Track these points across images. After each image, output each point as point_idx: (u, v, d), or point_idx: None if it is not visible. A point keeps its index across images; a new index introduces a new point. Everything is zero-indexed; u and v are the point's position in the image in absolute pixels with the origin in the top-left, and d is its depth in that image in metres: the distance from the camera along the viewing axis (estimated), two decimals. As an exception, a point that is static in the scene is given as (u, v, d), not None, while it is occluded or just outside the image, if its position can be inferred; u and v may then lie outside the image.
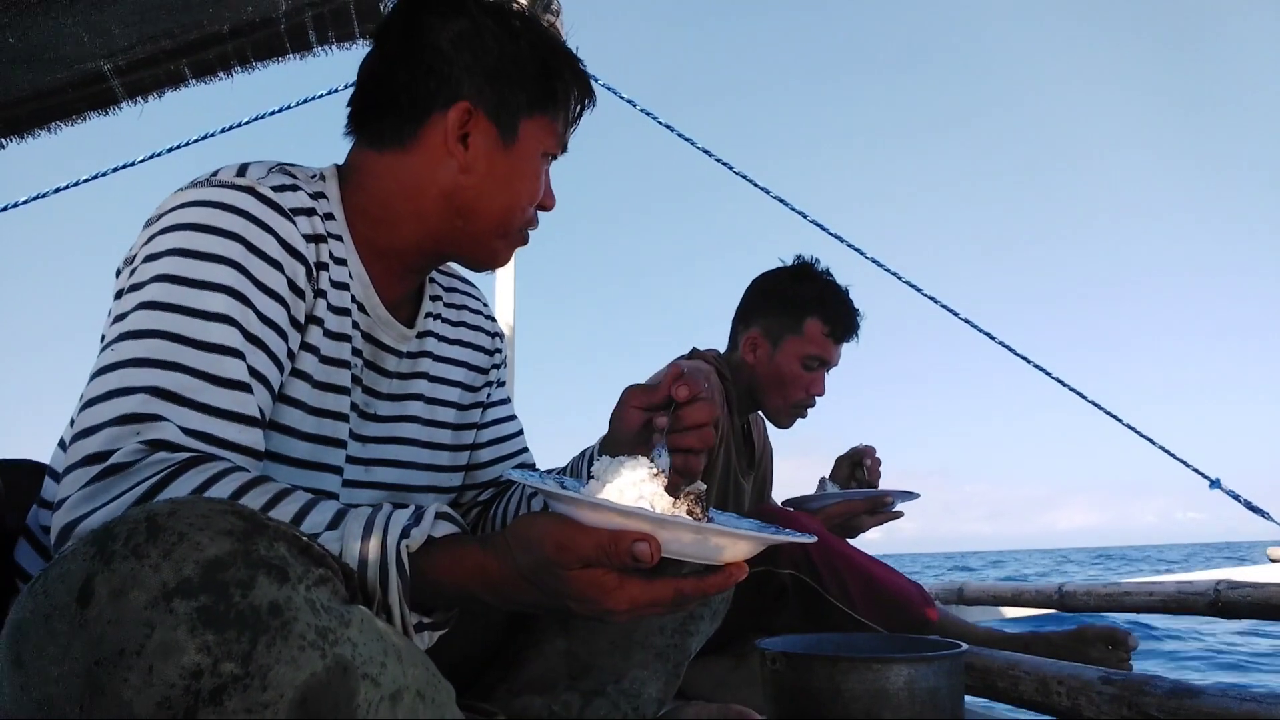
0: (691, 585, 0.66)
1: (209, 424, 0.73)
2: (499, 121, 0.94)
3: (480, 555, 0.67)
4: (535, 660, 1.04)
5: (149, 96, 2.30)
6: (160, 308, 0.75)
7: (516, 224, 0.98)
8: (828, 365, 1.91)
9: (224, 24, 2.13)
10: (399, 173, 0.94)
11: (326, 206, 0.91)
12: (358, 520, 0.67)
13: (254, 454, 0.76)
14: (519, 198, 0.96)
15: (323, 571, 0.56)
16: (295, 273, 0.84)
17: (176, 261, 0.77)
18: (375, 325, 0.96)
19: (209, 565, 0.51)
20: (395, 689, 0.56)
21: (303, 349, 0.86)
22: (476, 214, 0.95)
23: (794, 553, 1.61)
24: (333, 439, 0.90)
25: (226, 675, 0.48)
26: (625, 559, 0.61)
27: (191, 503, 0.54)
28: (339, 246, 0.91)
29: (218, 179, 0.83)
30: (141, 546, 0.51)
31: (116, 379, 0.72)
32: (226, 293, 0.77)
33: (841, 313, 1.89)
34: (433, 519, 0.69)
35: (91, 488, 0.66)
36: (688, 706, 1.25)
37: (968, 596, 2.67)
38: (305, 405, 0.87)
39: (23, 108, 2.22)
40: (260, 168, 0.87)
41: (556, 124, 0.98)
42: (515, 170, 0.95)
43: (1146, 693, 1.21)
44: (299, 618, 0.51)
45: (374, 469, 0.97)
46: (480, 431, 1.13)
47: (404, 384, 1.01)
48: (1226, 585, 1.91)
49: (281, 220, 0.83)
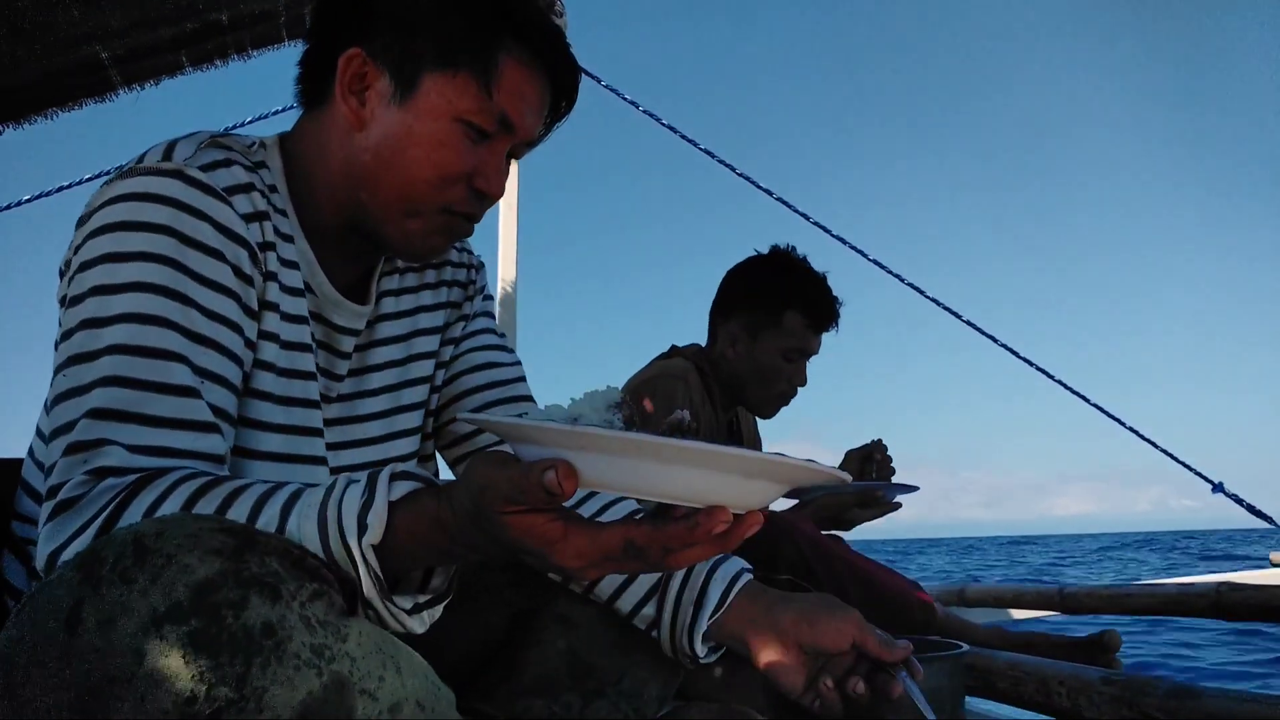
0: (643, 533, 0.55)
1: (157, 436, 0.68)
2: (395, 73, 0.82)
3: (435, 506, 0.61)
4: (535, 661, 1.03)
5: (146, 85, 2.28)
6: (100, 324, 0.70)
7: (425, 200, 0.84)
8: (808, 355, 1.89)
9: (223, 13, 2.11)
10: (314, 134, 0.87)
11: (269, 178, 0.84)
12: (309, 518, 0.62)
13: (212, 459, 0.72)
14: (420, 166, 0.82)
15: (317, 585, 0.55)
16: (239, 259, 0.77)
17: (108, 269, 0.72)
18: (325, 305, 0.89)
19: (199, 587, 0.50)
20: (394, 701, 0.55)
21: (261, 338, 0.80)
22: (374, 184, 0.84)
23: (790, 556, 1.60)
24: (306, 428, 0.84)
25: (221, 700, 0.47)
26: (538, 491, 0.52)
27: (179, 521, 0.53)
28: (284, 222, 0.84)
29: (142, 166, 0.76)
30: (129, 570, 0.50)
31: (72, 408, 0.69)
32: (160, 293, 0.71)
33: (820, 303, 1.86)
34: (388, 484, 0.63)
35: (49, 526, 0.64)
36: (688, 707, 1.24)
37: (969, 598, 2.67)
38: (273, 396, 0.81)
39: (21, 95, 2.20)
40: (189, 144, 0.79)
41: (477, 85, 0.82)
42: (413, 130, 0.82)
43: (1147, 693, 1.21)
44: (293, 636, 0.51)
45: (343, 452, 0.92)
46: (454, 363, 1.04)
47: (363, 356, 0.94)
48: (1228, 587, 1.90)
49: (215, 203, 0.75)
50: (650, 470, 0.53)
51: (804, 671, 0.82)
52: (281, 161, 0.87)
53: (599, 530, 0.56)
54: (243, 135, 0.86)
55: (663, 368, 1.84)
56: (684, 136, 2.48)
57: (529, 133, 0.88)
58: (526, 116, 0.86)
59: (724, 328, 1.91)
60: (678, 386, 1.76)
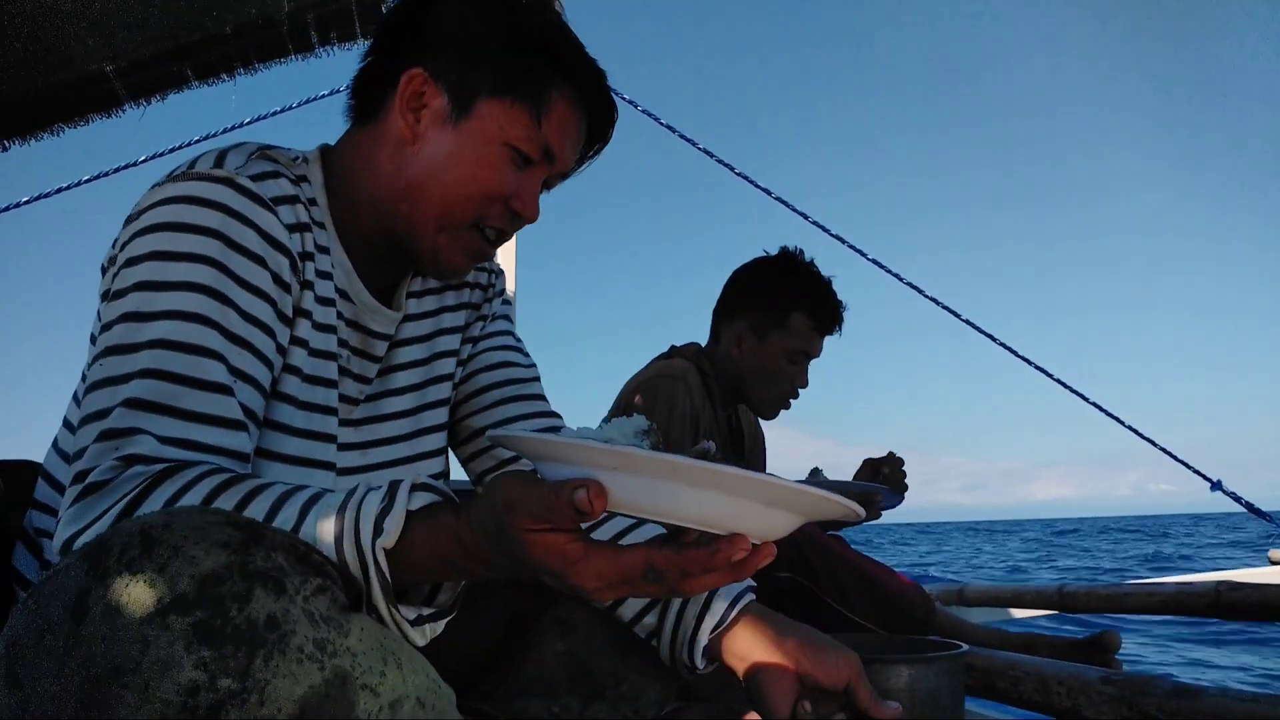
0: (663, 556, 0.56)
1: (189, 430, 0.71)
2: (453, 95, 0.88)
3: (454, 523, 0.63)
4: (535, 663, 1.04)
5: (152, 99, 2.30)
6: (141, 318, 0.73)
7: (462, 215, 0.89)
8: (811, 357, 1.90)
9: (226, 25, 2.14)
10: (364, 146, 0.91)
11: (310, 191, 0.88)
12: (327, 517, 0.64)
13: (238, 456, 0.74)
14: (464, 183, 0.88)
15: (321, 580, 0.56)
16: (280, 266, 0.81)
17: (155, 266, 0.75)
18: (361, 313, 0.93)
19: (205, 579, 0.50)
20: (395, 697, 0.56)
21: (292, 343, 0.84)
22: (418, 196, 0.88)
23: (790, 555, 1.61)
24: (322, 434, 0.87)
25: (224, 691, 0.48)
26: (568, 510, 0.53)
27: (187, 514, 0.54)
28: (321, 234, 0.88)
29: (194, 171, 0.80)
30: (136, 561, 0.51)
31: (105, 397, 0.71)
32: (204, 293, 0.74)
33: (826, 306, 1.88)
34: (408, 494, 0.65)
35: (75, 508, 0.66)
36: (688, 707, 1.25)
37: (968, 597, 2.67)
38: (295, 400, 0.84)
39: (26, 110, 2.22)
40: (239, 154, 0.84)
41: (527, 114, 0.88)
42: (462, 151, 0.87)
43: (1147, 693, 1.21)
44: (297, 630, 0.51)
45: (370, 450, 0.95)
46: (472, 361, 1.07)
47: (388, 357, 0.98)
48: (1227, 586, 1.90)
49: (262, 211, 0.79)
50: (681, 494, 0.53)
51: (792, 700, 0.82)
52: (322, 175, 0.91)
53: (620, 552, 0.57)
54: (287, 149, 0.91)
55: (662, 368, 1.85)
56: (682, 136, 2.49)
57: (566, 164, 0.94)
58: (567, 149, 0.93)
59: (729, 327, 1.92)
60: (678, 386, 1.76)
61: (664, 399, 1.73)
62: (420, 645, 0.67)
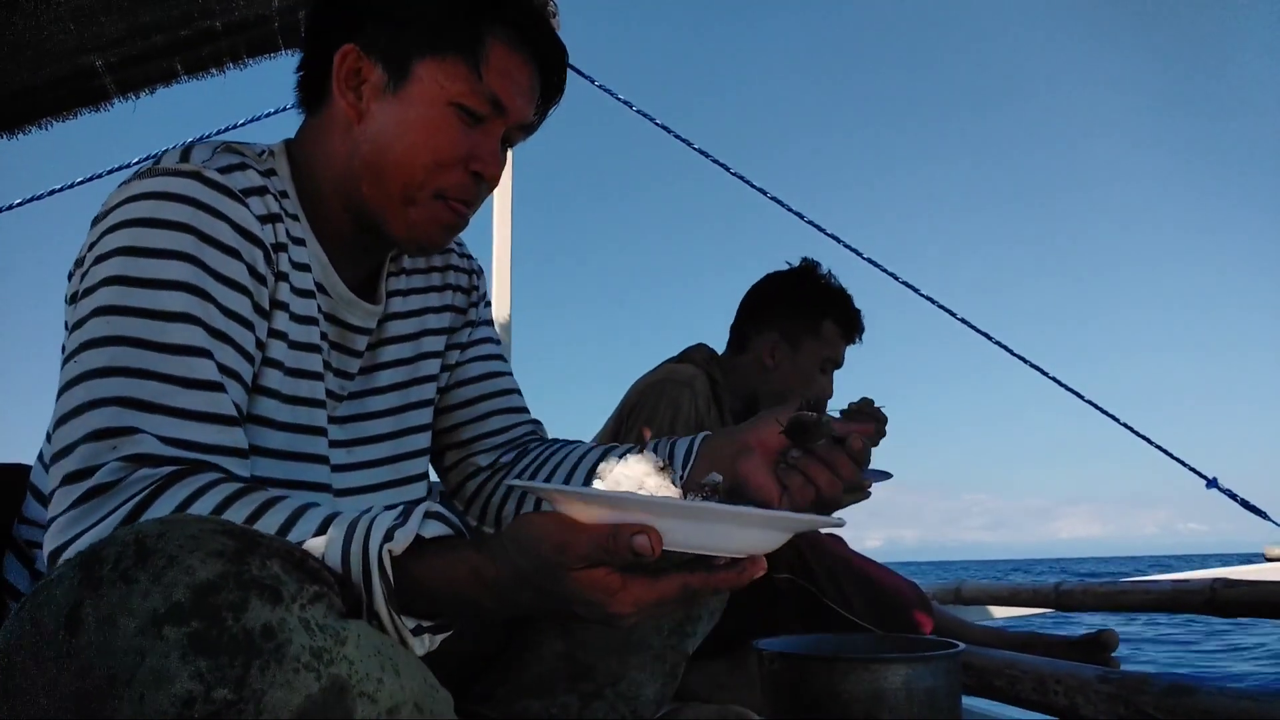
0: (700, 579, 0.62)
1: (186, 429, 0.70)
2: (388, 64, 0.85)
3: (476, 558, 0.64)
4: (533, 663, 1.04)
5: (140, 93, 2.28)
6: (116, 312, 0.71)
7: (422, 185, 0.87)
8: (838, 366, 1.93)
9: (217, 21, 2.12)
10: (318, 135, 0.89)
11: (279, 184, 0.86)
12: (340, 526, 0.65)
13: (238, 453, 0.73)
14: (417, 151, 0.85)
15: (318, 588, 0.55)
16: (254, 258, 0.79)
17: (126, 261, 0.73)
18: (338, 306, 0.91)
19: (200, 589, 0.50)
20: (393, 704, 0.55)
21: (271, 336, 0.82)
22: (374, 174, 0.86)
23: (788, 556, 1.61)
24: (310, 427, 0.86)
25: (220, 702, 0.47)
26: (626, 554, 0.57)
27: (181, 522, 0.53)
28: (295, 226, 0.86)
29: (161, 167, 0.78)
30: (130, 570, 0.50)
31: (84, 391, 0.69)
32: (183, 289, 0.73)
33: (853, 314, 1.92)
34: (421, 518, 0.65)
35: (75, 510, 0.64)
36: (686, 708, 1.25)
37: (965, 596, 2.68)
38: (279, 394, 0.83)
39: (14, 104, 2.20)
40: (205, 149, 0.82)
41: (468, 68, 0.85)
42: (407, 118, 0.85)
43: (1144, 691, 1.22)
44: (293, 639, 0.51)
45: (356, 449, 0.94)
46: (459, 369, 1.07)
47: (374, 354, 0.97)
48: (1223, 583, 1.91)
49: (232, 204, 0.78)
50: (716, 531, 0.62)
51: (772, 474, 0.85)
52: (289, 167, 0.89)
53: (656, 579, 0.61)
54: (252, 143, 0.89)
55: (670, 371, 1.84)
56: (678, 136, 2.48)
57: (521, 115, 0.90)
58: (517, 98, 0.89)
59: (760, 337, 1.93)
60: (684, 392, 1.75)
61: (668, 403, 1.73)
62: (419, 654, 0.66)
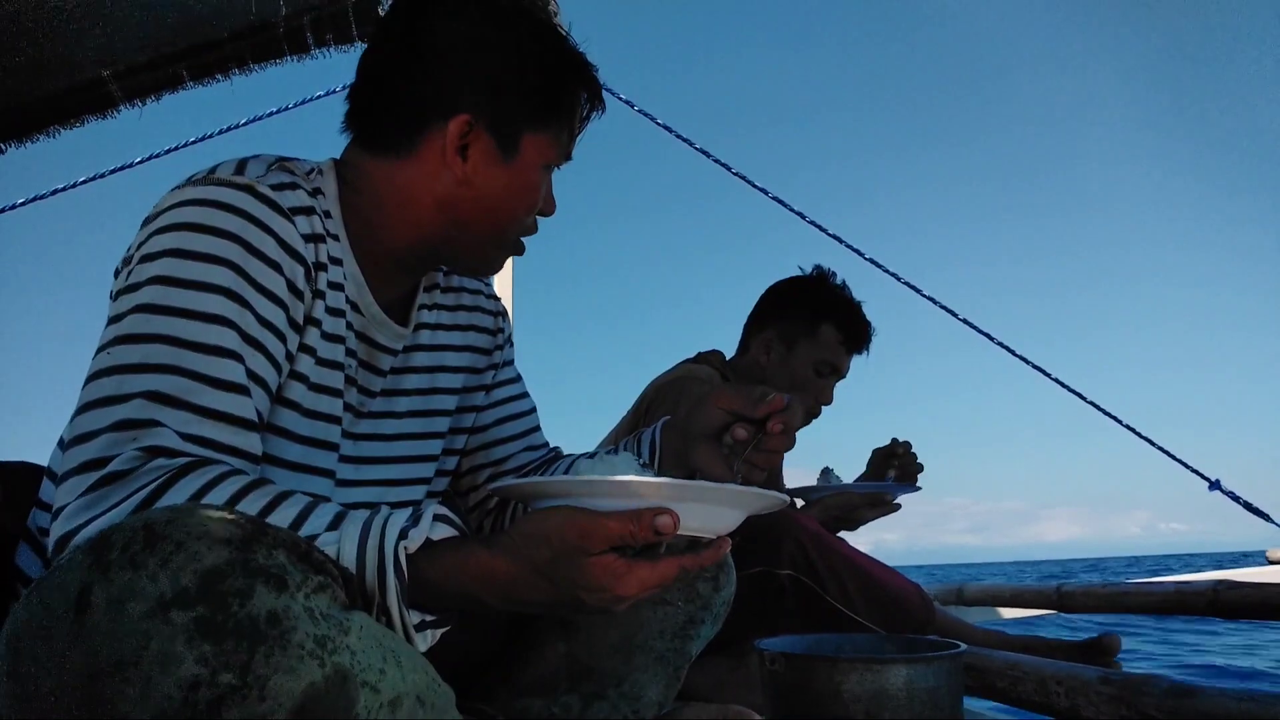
0: (691, 560, 0.69)
1: (205, 427, 0.72)
2: (499, 135, 0.91)
3: (487, 556, 0.67)
4: (535, 663, 1.04)
5: (147, 99, 2.30)
6: (156, 310, 0.73)
7: (513, 233, 0.97)
8: (838, 374, 1.93)
9: (223, 30, 2.14)
10: (396, 180, 0.92)
11: (324, 204, 0.89)
12: (355, 523, 0.67)
13: (251, 458, 0.75)
14: (517, 211, 0.95)
15: (322, 579, 0.56)
16: (294, 274, 0.82)
17: (173, 263, 0.75)
18: (370, 325, 0.94)
19: (207, 575, 0.51)
20: (394, 695, 0.56)
21: (300, 351, 0.85)
22: (473, 225, 0.93)
23: (793, 553, 1.61)
24: (324, 442, 0.89)
25: (224, 686, 0.48)
26: (649, 535, 0.64)
27: (189, 510, 0.54)
28: (335, 246, 0.89)
29: (216, 176, 0.81)
30: (139, 555, 0.51)
31: (113, 384, 0.71)
32: (224, 294, 0.76)
33: (856, 322, 1.93)
34: (431, 520, 0.68)
35: (89, 496, 0.65)
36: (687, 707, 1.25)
37: (967, 597, 2.68)
38: (300, 407, 0.86)
39: (23, 114, 2.22)
40: (259, 164, 0.85)
41: (560, 136, 0.96)
42: (514, 184, 0.93)
43: (1145, 693, 1.22)
44: (298, 627, 0.51)
45: (364, 466, 0.96)
46: (484, 413, 1.11)
47: (397, 379, 1.00)
48: (1225, 586, 1.91)
49: (281, 220, 0.81)
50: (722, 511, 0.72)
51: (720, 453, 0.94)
52: (336, 188, 0.92)
53: (656, 562, 0.68)
54: (301, 160, 0.92)
55: (686, 370, 1.89)
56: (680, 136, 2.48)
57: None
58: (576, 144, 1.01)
59: (759, 336, 1.96)
60: (703, 389, 1.79)
61: (687, 399, 1.76)
62: (421, 650, 0.67)
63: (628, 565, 0.66)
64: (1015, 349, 2.32)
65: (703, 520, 0.70)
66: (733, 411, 0.91)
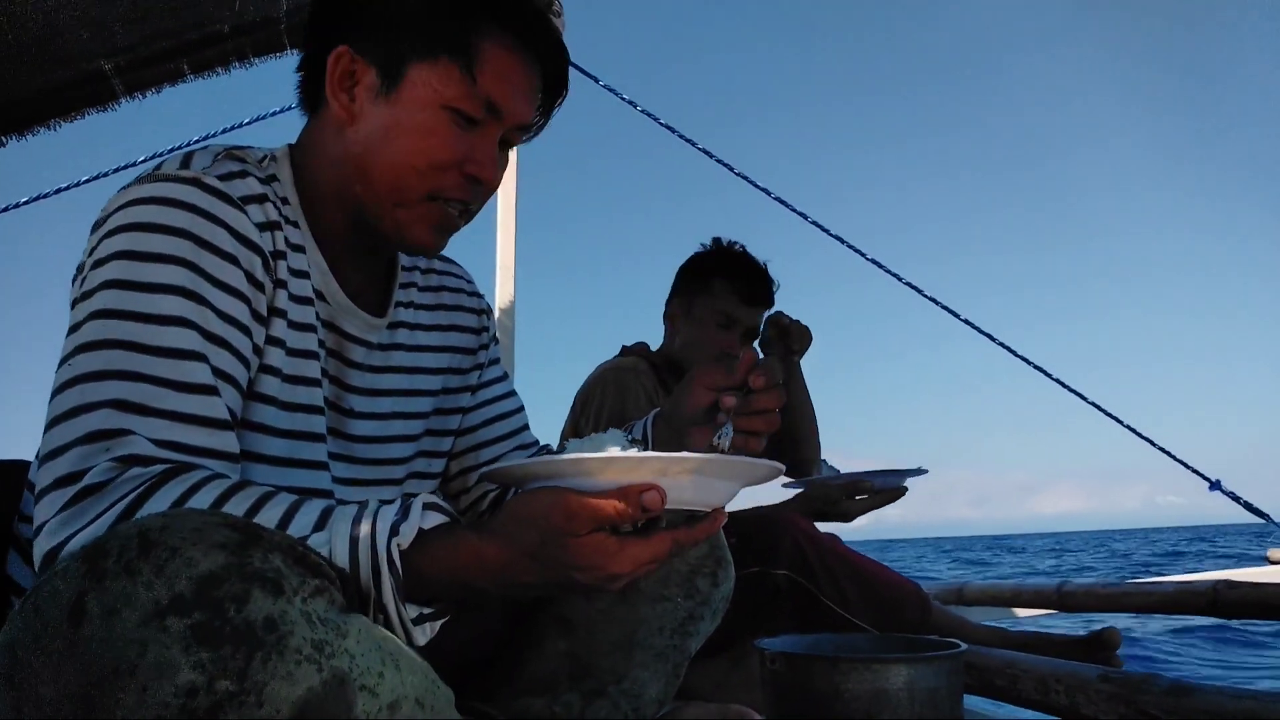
0: (685, 534, 0.69)
1: (177, 431, 0.70)
2: (381, 66, 0.84)
3: (477, 542, 0.66)
4: (535, 661, 1.04)
5: (147, 92, 2.30)
6: (112, 315, 0.71)
7: (412, 189, 0.86)
8: (741, 325, 1.92)
9: (225, 24, 2.13)
10: (315, 137, 0.89)
11: (281, 190, 0.86)
12: (344, 520, 0.65)
13: (228, 457, 0.74)
14: (408, 155, 0.84)
15: (319, 582, 0.56)
16: (252, 265, 0.80)
17: (124, 265, 0.73)
18: (337, 314, 0.91)
19: (202, 581, 0.50)
20: (393, 698, 0.56)
21: (268, 343, 0.82)
22: (366, 176, 0.86)
23: (790, 554, 1.61)
24: (309, 433, 0.86)
25: (222, 692, 0.48)
26: (637, 512, 0.63)
27: (184, 515, 0.54)
28: (294, 232, 0.86)
29: (161, 173, 0.78)
30: (134, 563, 0.50)
31: (77, 395, 0.69)
32: (179, 294, 0.73)
33: (748, 273, 1.94)
34: (421, 510, 0.67)
35: (67, 512, 0.64)
36: (687, 707, 1.25)
37: (967, 597, 2.68)
38: (277, 401, 0.83)
39: (23, 107, 2.22)
40: (205, 156, 0.82)
41: (462, 72, 0.83)
42: (399, 122, 0.84)
43: (1145, 691, 1.22)
44: (295, 632, 0.51)
45: (354, 466, 0.94)
46: (471, 414, 1.08)
47: (376, 378, 0.96)
48: (1226, 585, 1.91)
49: (231, 210, 0.78)
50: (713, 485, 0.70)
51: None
52: (291, 173, 0.89)
53: (649, 538, 0.66)
54: (255, 148, 0.89)
55: (613, 364, 1.93)
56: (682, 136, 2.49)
57: (519, 117, 0.89)
58: (514, 100, 0.87)
59: (668, 314, 2.01)
60: (629, 377, 1.83)
61: (617, 389, 1.80)
62: (420, 644, 0.67)
63: (619, 543, 0.65)
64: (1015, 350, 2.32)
65: (695, 493, 0.68)
66: (715, 386, 0.91)
